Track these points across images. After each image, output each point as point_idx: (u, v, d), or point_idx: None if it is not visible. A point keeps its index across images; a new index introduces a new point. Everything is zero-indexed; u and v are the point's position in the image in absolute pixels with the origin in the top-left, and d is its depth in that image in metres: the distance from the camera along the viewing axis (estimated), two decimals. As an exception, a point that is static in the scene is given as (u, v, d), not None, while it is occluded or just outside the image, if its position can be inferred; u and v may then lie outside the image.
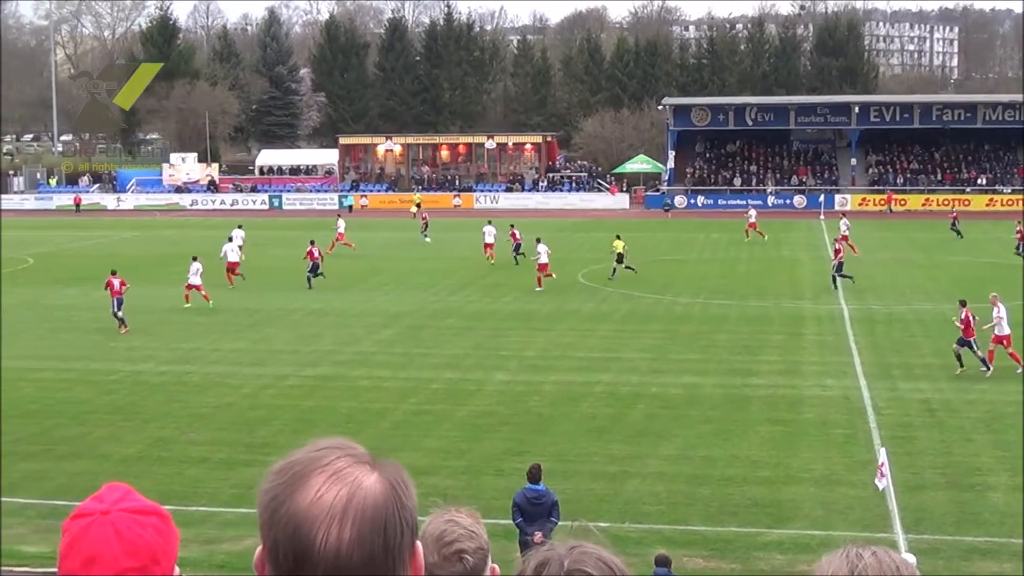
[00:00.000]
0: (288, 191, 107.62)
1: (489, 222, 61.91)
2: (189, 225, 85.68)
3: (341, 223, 66.59)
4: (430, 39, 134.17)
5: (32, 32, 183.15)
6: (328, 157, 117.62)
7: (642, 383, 31.85)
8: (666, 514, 21.38)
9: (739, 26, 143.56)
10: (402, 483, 2.24)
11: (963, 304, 32.95)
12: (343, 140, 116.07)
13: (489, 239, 59.60)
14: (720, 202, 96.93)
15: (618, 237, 53.85)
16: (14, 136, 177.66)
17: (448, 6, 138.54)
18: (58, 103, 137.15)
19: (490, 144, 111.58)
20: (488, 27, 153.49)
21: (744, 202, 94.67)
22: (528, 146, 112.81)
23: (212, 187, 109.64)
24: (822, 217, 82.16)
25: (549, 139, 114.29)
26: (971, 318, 32.07)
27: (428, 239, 70.48)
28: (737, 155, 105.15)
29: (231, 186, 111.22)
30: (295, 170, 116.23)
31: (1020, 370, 32.12)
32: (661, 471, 23.98)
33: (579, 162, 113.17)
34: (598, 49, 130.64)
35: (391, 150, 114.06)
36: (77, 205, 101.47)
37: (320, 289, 49.91)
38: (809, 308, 43.37)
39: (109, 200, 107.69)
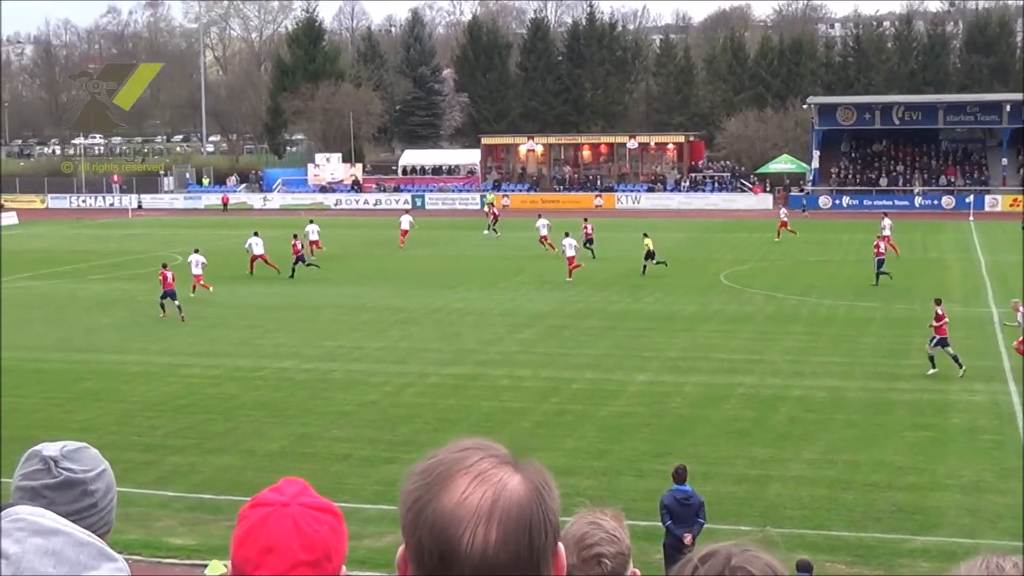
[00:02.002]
0: (430, 191, 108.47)
1: (540, 216, 66.62)
2: (333, 224, 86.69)
3: (406, 219, 69.88)
4: (572, 39, 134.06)
5: (182, 35, 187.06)
6: (470, 157, 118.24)
7: (785, 386, 31.50)
8: (808, 519, 21.11)
9: (886, 23, 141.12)
10: (545, 485, 2.23)
11: (938, 303, 33.47)
12: (485, 140, 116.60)
13: (544, 232, 63.19)
14: (866, 203, 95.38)
15: (645, 235, 55.11)
16: (164, 137, 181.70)
17: (591, 6, 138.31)
18: (207, 104, 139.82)
19: (632, 144, 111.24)
20: (630, 26, 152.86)
21: (890, 202, 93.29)
22: (670, 146, 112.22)
23: (356, 187, 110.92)
24: (971, 218, 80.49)
25: (691, 139, 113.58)
26: (943, 316, 32.50)
27: (497, 233, 72.93)
28: (883, 155, 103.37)
29: (374, 186, 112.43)
30: (437, 170, 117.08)
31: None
32: (803, 475, 23.68)
33: (722, 162, 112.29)
34: (742, 47, 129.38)
35: (533, 150, 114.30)
36: (224, 204, 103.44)
37: (463, 288, 50.22)
38: (957, 311, 42.38)
39: (255, 200, 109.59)
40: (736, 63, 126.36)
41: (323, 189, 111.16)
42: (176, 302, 43.79)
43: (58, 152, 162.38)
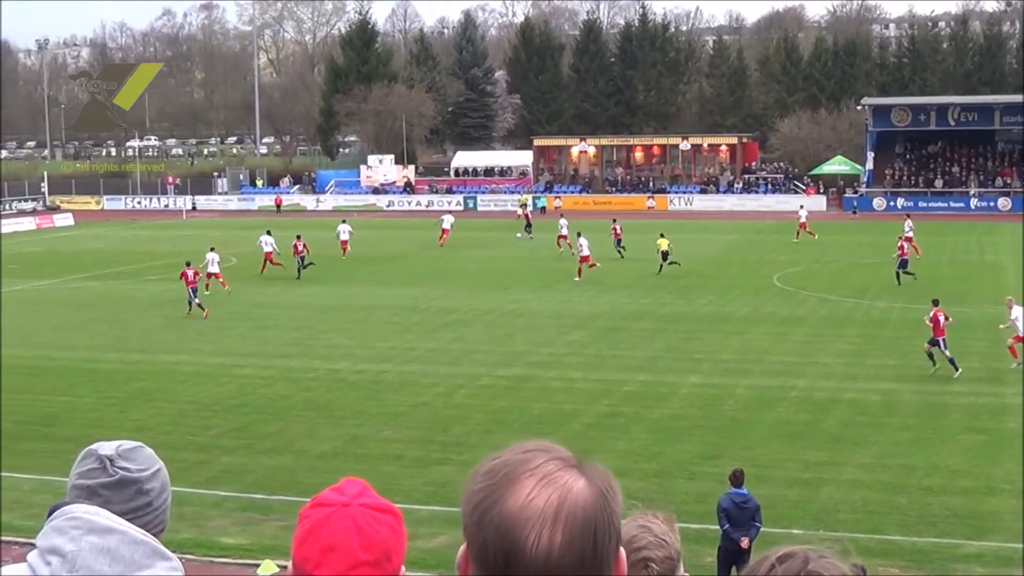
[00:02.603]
0: (482, 192, 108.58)
1: (562, 215, 69.97)
2: (385, 226, 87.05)
3: (448, 218, 70.78)
4: (625, 40, 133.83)
5: (236, 38, 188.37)
6: (522, 159, 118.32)
7: (838, 389, 31.32)
8: (862, 522, 20.98)
9: (941, 23, 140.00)
10: (610, 488, 2.24)
11: (935, 303, 33.74)
12: (537, 142, 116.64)
13: (564, 231, 64.51)
14: (920, 204, 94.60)
15: (662, 235, 56.13)
16: (218, 139, 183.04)
17: (643, 7, 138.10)
18: (261, 106, 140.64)
19: (685, 145, 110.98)
20: (683, 27, 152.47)
21: (946, 204, 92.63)
22: (723, 147, 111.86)
23: (408, 188, 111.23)
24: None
25: (744, 140, 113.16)
26: (940, 318, 32.86)
27: (531, 236, 73.08)
28: (939, 156, 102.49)
29: (426, 187, 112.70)
30: (489, 171, 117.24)
31: (1015, 364, 33.00)
32: (857, 479, 23.54)
33: (775, 164, 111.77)
34: (795, 49, 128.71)
35: (585, 152, 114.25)
36: (278, 206, 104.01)
37: (515, 290, 50.27)
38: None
39: (309, 201, 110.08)
40: (790, 64, 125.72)
41: (375, 191, 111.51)
42: (194, 297, 45.32)
43: (113, 154, 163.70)
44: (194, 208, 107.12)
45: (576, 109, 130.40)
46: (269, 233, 58.78)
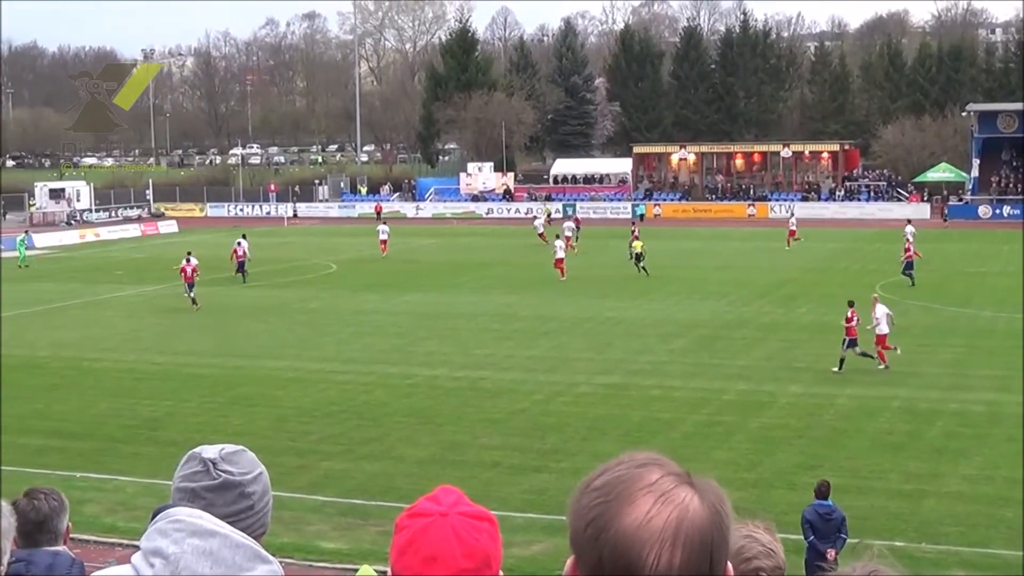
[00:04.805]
0: (582, 199, 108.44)
1: (568, 220, 73.06)
2: (485, 233, 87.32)
3: (539, 222, 70.89)
4: (725, 47, 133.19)
5: (338, 46, 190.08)
6: (622, 166, 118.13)
7: (941, 399, 30.86)
8: (965, 535, 20.63)
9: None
10: (722, 504, 2.24)
11: (851, 304, 35.27)
12: (637, 149, 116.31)
13: (568, 233, 67.34)
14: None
15: (636, 238, 59.40)
16: (320, 147, 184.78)
17: (744, 13, 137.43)
18: (361, 114, 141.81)
19: (786, 153, 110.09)
20: (784, 33, 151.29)
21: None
22: (825, 154, 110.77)
23: (507, 196, 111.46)
24: None
25: (846, 147, 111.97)
26: (854, 318, 34.63)
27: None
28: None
29: (526, 195, 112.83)
30: (589, 179, 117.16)
31: (882, 366, 34.50)
32: (960, 491, 23.16)
33: (878, 171, 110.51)
34: (899, 54, 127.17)
35: (685, 159, 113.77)
36: (378, 213, 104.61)
37: (614, 297, 50.16)
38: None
39: (408, 208, 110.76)
40: (893, 70, 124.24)
41: (475, 198, 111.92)
42: (191, 293, 48.78)
43: (216, 162, 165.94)
44: (295, 215, 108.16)
45: (676, 116, 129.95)
46: (244, 237, 61.92)
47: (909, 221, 63.87)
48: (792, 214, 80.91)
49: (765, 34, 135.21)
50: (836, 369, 34.50)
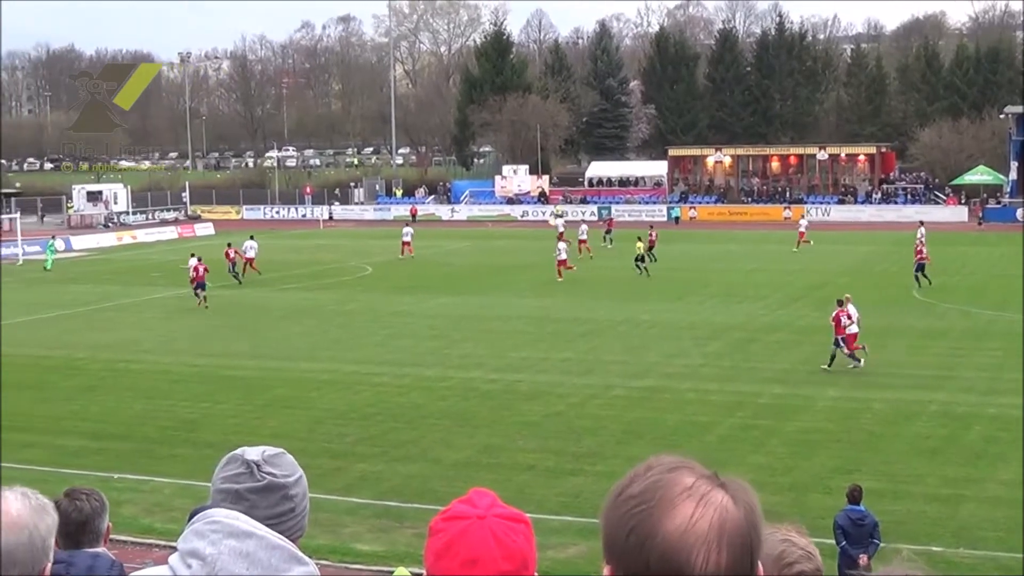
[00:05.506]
0: (617, 202, 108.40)
1: (583, 221, 75.53)
2: (520, 236, 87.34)
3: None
4: (761, 49, 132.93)
5: (373, 49, 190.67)
6: (657, 169, 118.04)
7: (979, 403, 30.64)
8: (1004, 541, 20.47)
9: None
10: (754, 504, 2.27)
11: (839, 303, 35.86)
12: (672, 152, 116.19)
13: (583, 236, 68.74)
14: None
15: (639, 239, 60.98)
16: (355, 149, 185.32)
17: (780, 15, 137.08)
18: (396, 117, 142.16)
19: (822, 155, 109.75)
20: (820, 36, 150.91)
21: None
22: (861, 157, 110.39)
23: (542, 198, 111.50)
24: None
25: (883, 150, 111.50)
26: (842, 318, 35.04)
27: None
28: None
29: (560, 197, 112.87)
30: (624, 182, 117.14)
31: (852, 365, 34.93)
32: (999, 496, 22.97)
33: (915, 173, 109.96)
34: (936, 56, 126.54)
35: (720, 161, 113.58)
36: (413, 215, 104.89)
37: (649, 300, 50.07)
38: None
39: (444, 211, 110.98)
40: (930, 72, 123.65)
41: (510, 201, 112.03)
42: (204, 292, 50.57)
43: (252, 164, 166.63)
44: (331, 218, 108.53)
45: (711, 119, 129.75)
46: (252, 238, 63.15)
47: (921, 223, 63.63)
48: (803, 216, 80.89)
49: (801, 36, 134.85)
50: (826, 366, 35.11)
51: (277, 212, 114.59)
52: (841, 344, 34.97)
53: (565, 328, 43.85)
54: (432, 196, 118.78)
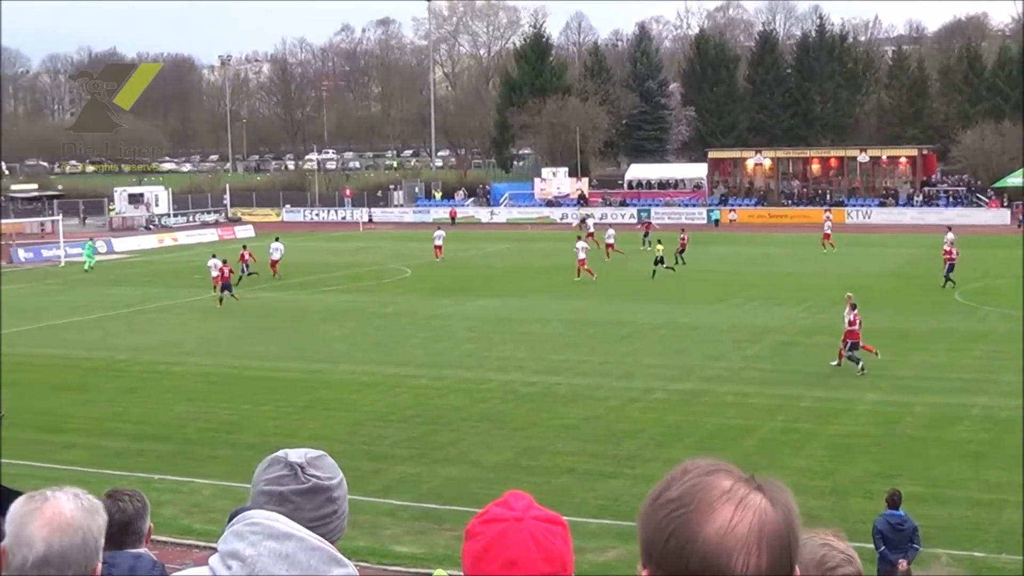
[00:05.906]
0: (656, 205, 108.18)
1: (609, 227, 75.03)
2: (559, 238, 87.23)
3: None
4: (801, 51, 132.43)
5: (413, 52, 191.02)
6: (696, 171, 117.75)
7: (1022, 407, 30.41)
8: (1048, 546, 20.32)
9: None
10: (791, 506, 2.27)
11: (854, 306, 35.86)
12: (712, 154, 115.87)
13: (610, 240, 69.94)
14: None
15: (659, 241, 63.04)
16: (395, 152, 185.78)
17: (820, 17, 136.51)
18: (436, 119, 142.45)
19: (863, 158, 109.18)
20: (861, 37, 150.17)
21: None
22: (902, 159, 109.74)
23: (582, 201, 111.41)
24: None
25: (925, 152, 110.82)
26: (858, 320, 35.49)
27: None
28: None
29: (600, 200, 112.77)
30: (664, 184, 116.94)
31: (834, 362, 35.66)
32: (1042, 500, 22.80)
33: (957, 176, 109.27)
34: (978, 58, 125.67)
35: (760, 164, 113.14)
36: (452, 218, 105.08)
37: (689, 303, 49.95)
38: None
39: (483, 213, 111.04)
40: (972, 74, 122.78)
41: (549, 203, 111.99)
42: (230, 292, 52.05)
43: (292, 167, 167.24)
44: (370, 220, 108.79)
45: (751, 121, 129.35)
46: (278, 240, 64.12)
47: (949, 228, 63.23)
48: (828, 218, 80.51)
49: (842, 38, 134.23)
50: (835, 362, 35.70)
51: (317, 214, 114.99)
52: (846, 345, 35.34)
53: (605, 331, 43.80)
54: (471, 199, 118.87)
